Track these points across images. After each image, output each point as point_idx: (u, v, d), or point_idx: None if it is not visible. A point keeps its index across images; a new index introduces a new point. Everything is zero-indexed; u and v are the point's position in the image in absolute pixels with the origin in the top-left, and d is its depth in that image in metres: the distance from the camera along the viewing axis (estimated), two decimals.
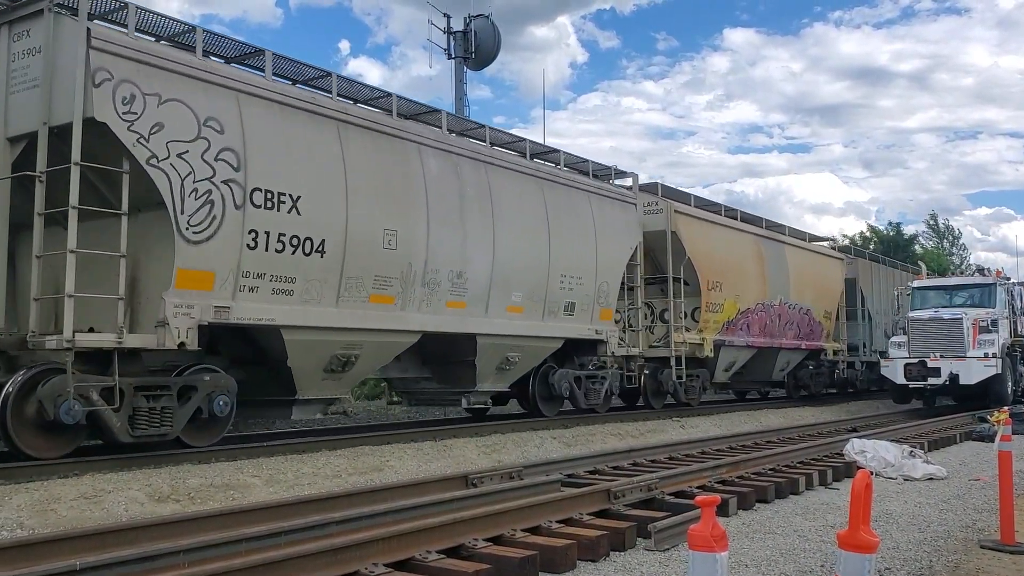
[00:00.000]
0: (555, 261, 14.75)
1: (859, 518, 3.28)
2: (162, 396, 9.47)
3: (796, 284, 22.51)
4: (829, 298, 24.67)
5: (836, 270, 25.56)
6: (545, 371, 15.31)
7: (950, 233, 64.28)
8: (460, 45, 27.12)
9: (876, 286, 27.72)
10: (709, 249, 18.99)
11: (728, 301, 19.45)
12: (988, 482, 9.43)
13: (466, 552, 5.63)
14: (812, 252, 24.48)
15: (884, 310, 27.53)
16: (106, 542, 5.52)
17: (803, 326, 22.98)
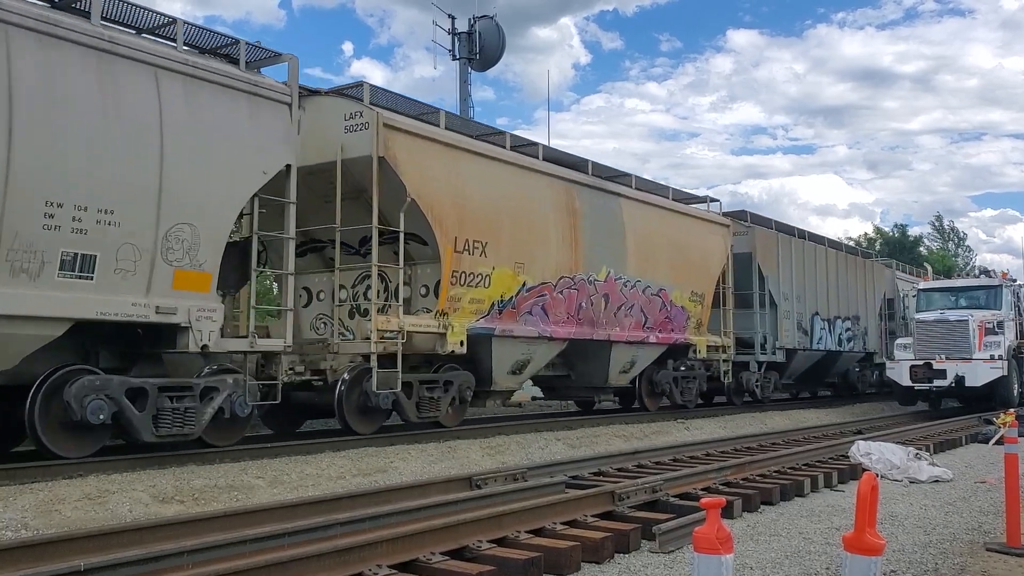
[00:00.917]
0: None
1: (865, 521, 3.27)
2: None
3: (640, 254, 16.64)
4: (701, 276, 18.54)
5: (716, 240, 19.23)
6: None
7: (955, 235, 64.28)
8: (465, 46, 27.15)
9: (785, 265, 21.52)
10: (456, 191, 12.71)
11: (501, 272, 13.37)
12: (994, 484, 9.40)
13: (470, 554, 5.62)
14: (673, 213, 18.08)
15: (801, 296, 21.89)
16: (110, 543, 5.53)
17: (653, 312, 17.01)
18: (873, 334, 26.19)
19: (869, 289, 26.39)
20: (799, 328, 21.70)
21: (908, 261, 39.95)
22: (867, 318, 25.97)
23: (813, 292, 22.72)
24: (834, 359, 24.03)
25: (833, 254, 24.59)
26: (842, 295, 24.37)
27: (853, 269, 25.58)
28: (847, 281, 24.90)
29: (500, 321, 13.37)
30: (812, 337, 22.28)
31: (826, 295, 23.47)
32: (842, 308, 24.32)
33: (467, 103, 27.18)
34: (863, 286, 26.07)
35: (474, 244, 12.95)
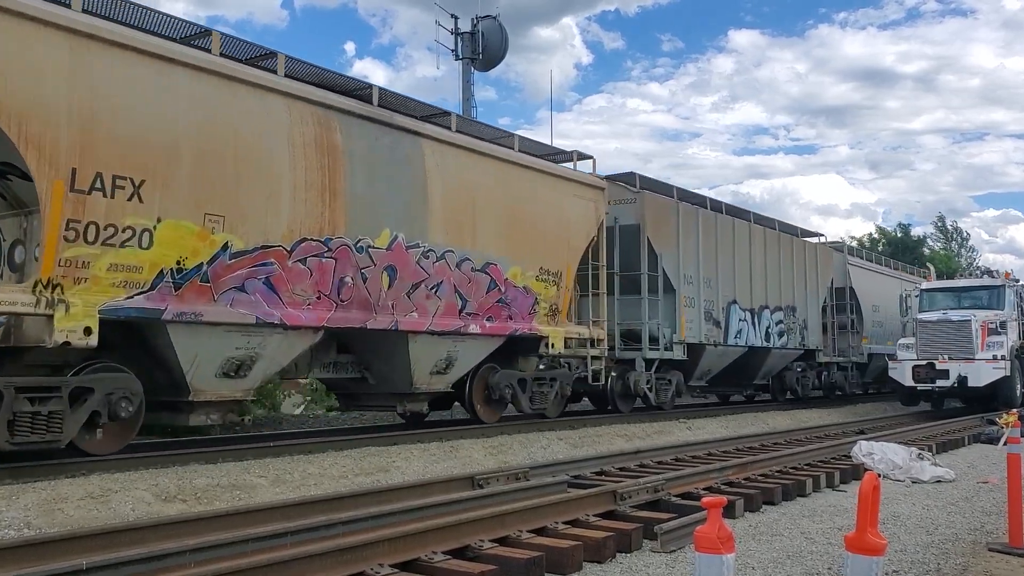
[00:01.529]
0: None
1: (867, 521, 3.28)
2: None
3: (452, 216, 12.60)
4: (557, 250, 14.53)
5: (581, 206, 15.18)
6: None
7: (958, 235, 64.18)
8: (467, 46, 27.14)
9: (689, 241, 17.92)
10: (86, 101, 8.57)
11: (174, 226, 9.29)
12: (996, 484, 9.39)
13: (472, 553, 5.62)
14: (514, 167, 13.90)
15: (712, 280, 18.46)
16: (113, 542, 5.53)
17: (477, 294, 13.00)
18: (815, 329, 22.86)
19: (811, 276, 22.89)
20: (708, 319, 18.20)
21: (911, 261, 39.82)
22: (807, 310, 22.47)
23: (730, 276, 19.12)
24: (761, 357, 20.52)
25: (760, 232, 20.80)
26: (772, 281, 20.82)
27: (789, 251, 21.89)
28: (780, 265, 21.32)
29: (178, 300, 9.30)
30: (727, 330, 18.78)
31: (748, 281, 19.86)
32: (772, 297, 20.77)
33: (470, 103, 27.18)
34: (803, 272, 22.52)
35: (116, 182, 8.72)
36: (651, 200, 17.33)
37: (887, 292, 26.78)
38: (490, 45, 27.12)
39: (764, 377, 21.93)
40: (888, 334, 26.24)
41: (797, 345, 21.92)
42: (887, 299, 26.49)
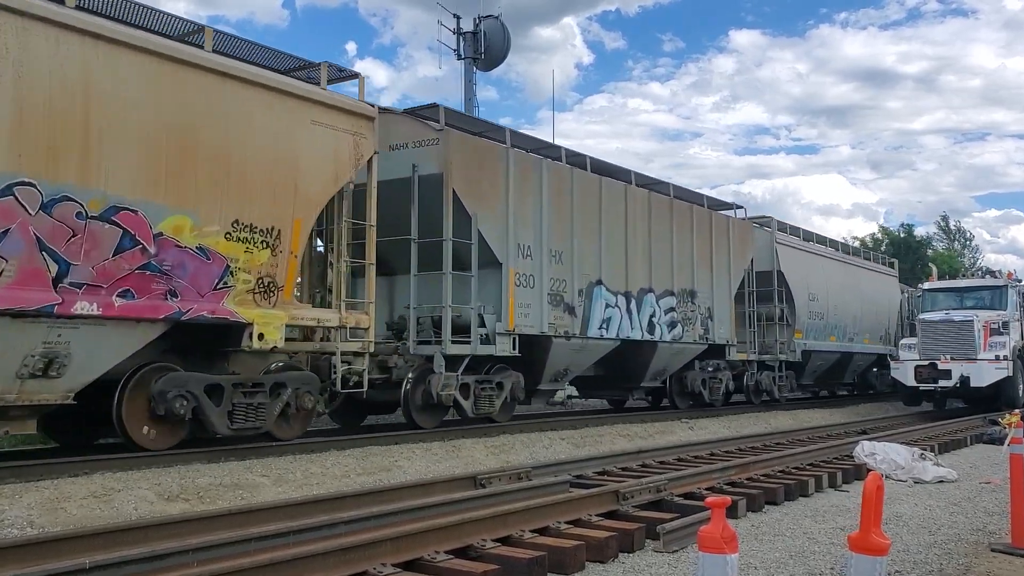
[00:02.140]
0: None
1: (870, 520, 3.27)
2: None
3: (43, 132, 8.24)
4: (272, 197, 10.17)
5: (321, 138, 10.68)
6: None
7: (961, 235, 64.11)
8: (470, 46, 27.13)
9: (523, 200, 13.74)
10: None
11: None
12: (999, 485, 9.38)
13: (475, 552, 5.63)
14: (193, 70, 9.44)
15: (564, 254, 14.48)
16: (115, 541, 5.55)
17: (98, 255, 8.58)
18: (724, 319, 18.81)
19: (720, 255, 18.87)
20: (557, 304, 14.15)
21: (914, 262, 39.75)
22: (714, 296, 18.44)
23: (594, 250, 15.13)
24: (645, 353, 16.61)
25: (643, 197, 16.61)
26: (661, 260, 16.86)
27: (688, 223, 17.76)
28: (675, 240, 17.27)
29: None
30: (588, 319, 14.79)
31: (623, 257, 15.83)
32: (660, 279, 16.78)
33: (472, 103, 27.17)
34: (709, 250, 18.48)
35: None
36: (460, 141, 12.90)
37: (831, 280, 23.86)
38: (492, 45, 27.10)
39: (656, 378, 17.70)
40: (832, 328, 23.77)
41: (698, 339, 17.88)
42: (830, 288, 23.74)
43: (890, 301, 28.56)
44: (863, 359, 26.54)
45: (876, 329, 26.98)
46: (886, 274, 29.13)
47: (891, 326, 28.15)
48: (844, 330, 24.62)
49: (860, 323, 25.68)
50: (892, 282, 29.28)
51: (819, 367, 23.74)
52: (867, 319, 26.23)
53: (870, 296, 26.67)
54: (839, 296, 24.29)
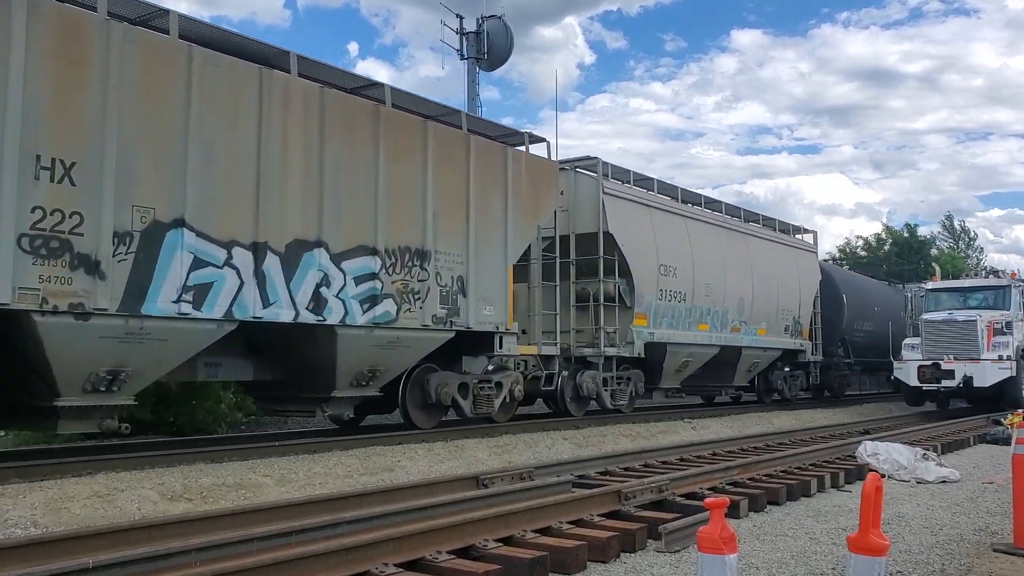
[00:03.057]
0: None
1: (869, 521, 3.28)
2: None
3: None
4: None
5: None
6: None
7: (966, 234, 64.03)
8: (473, 46, 27.15)
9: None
10: None
11: None
12: (1001, 485, 9.38)
13: (476, 553, 5.64)
14: None
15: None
16: (119, 541, 5.56)
17: None
18: (496, 297, 13.25)
19: (492, 204, 13.30)
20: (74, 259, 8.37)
21: (918, 262, 39.66)
22: (470, 262, 12.82)
23: (178, 172, 9.32)
24: (316, 345, 11.04)
25: (302, 91, 10.73)
26: (353, 199, 11.20)
27: (418, 149, 12.15)
28: (382, 171, 11.57)
29: None
30: (145, 284, 8.94)
31: (253, 189, 9.86)
32: (351, 229, 11.22)
33: (476, 103, 27.19)
34: (466, 194, 12.89)
35: None
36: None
37: (701, 250, 18.37)
38: (495, 45, 27.12)
39: (359, 380, 11.60)
40: (702, 314, 18.39)
41: (432, 322, 12.26)
42: (700, 260, 18.23)
43: (805, 283, 22.91)
44: (759, 356, 20.88)
45: (779, 318, 21.50)
46: (798, 248, 23.34)
47: (804, 314, 22.71)
48: (723, 317, 19.10)
49: (752, 309, 20.13)
50: (809, 260, 23.71)
51: (685, 365, 18.08)
52: (764, 304, 20.65)
53: (772, 275, 21.12)
54: (716, 272, 18.80)
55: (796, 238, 23.72)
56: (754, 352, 20.49)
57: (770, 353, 21.33)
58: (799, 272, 22.69)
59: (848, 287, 26.69)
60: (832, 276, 26.26)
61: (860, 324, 26.63)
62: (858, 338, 26.38)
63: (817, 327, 23.96)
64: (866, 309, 27.13)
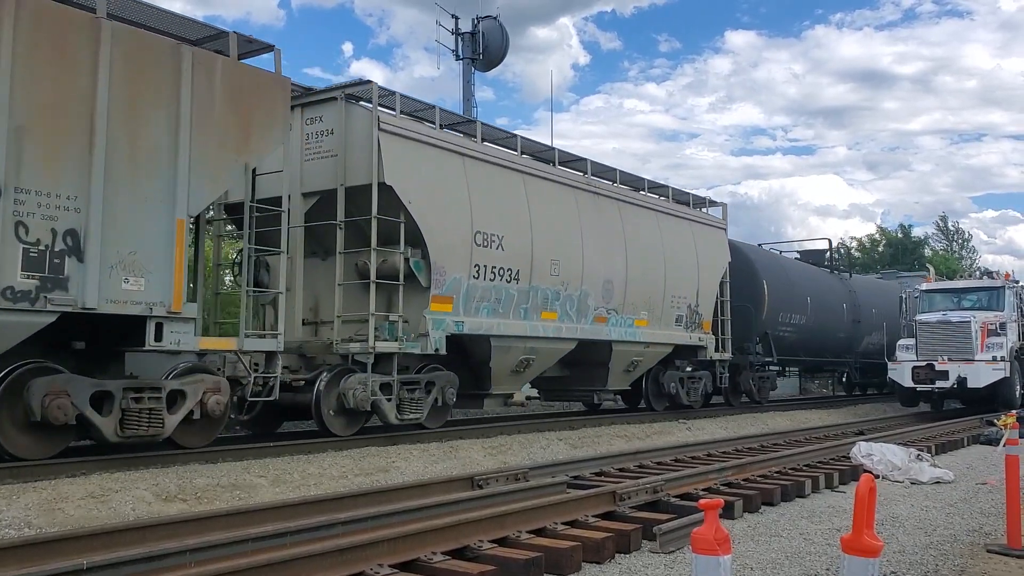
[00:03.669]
0: None
1: (863, 522, 3.29)
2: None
3: None
4: None
5: None
6: None
7: (960, 235, 64.21)
8: (468, 46, 27.16)
9: None
10: None
11: None
12: (995, 486, 9.40)
13: (471, 553, 5.64)
14: None
15: None
16: (113, 541, 5.55)
17: None
18: (158, 261, 9.17)
19: (125, 117, 8.94)
20: None
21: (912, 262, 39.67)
22: (100, 204, 8.69)
23: None
24: None
25: None
26: None
27: None
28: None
29: None
30: None
31: None
32: None
33: (471, 103, 27.20)
34: (80, 97, 8.58)
35: None
36: None
37: (545, 215, 14.36)
38: (491, 45, 27.14)
39: None
40: (547, 299, 14.32)
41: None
42: (543, 227, 14.23)
43: (708, 264, 18.80)
44: (640, 353, 16.83)
45: (669, 306, 17.49)
46: (698, 221, 18.89)
47: (705, 303, 18.79)
48: (581, 303, 15.06)
49: (626, 294, 16.14)
50: (714, 237, 19.41)
51: (525, 365, 14.07)
52: (644, 288, 16.65)
53: (657, 252, 17.14)
54: (569, 245, 14.78)
55: (692, 210, 19.03)
56: (631, 348, 16.43)
57: (656, 350, 17.24)
58: (698, 251, 18.43)
59: (771, 272, 22.02)
60: (749, 258, 21.40)
61: (787, 317, 22.15)
62: (785, 333, 22.13)
63: (725, 319, 19.58)
64: (795, 299, 22.63)
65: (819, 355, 25.02)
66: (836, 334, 25.19)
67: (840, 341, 25.61)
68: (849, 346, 26.25)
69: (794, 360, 24.38)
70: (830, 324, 24.63)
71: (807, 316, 23.11)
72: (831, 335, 24.90)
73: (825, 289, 25.05)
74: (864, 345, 26.61)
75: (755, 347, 20.83)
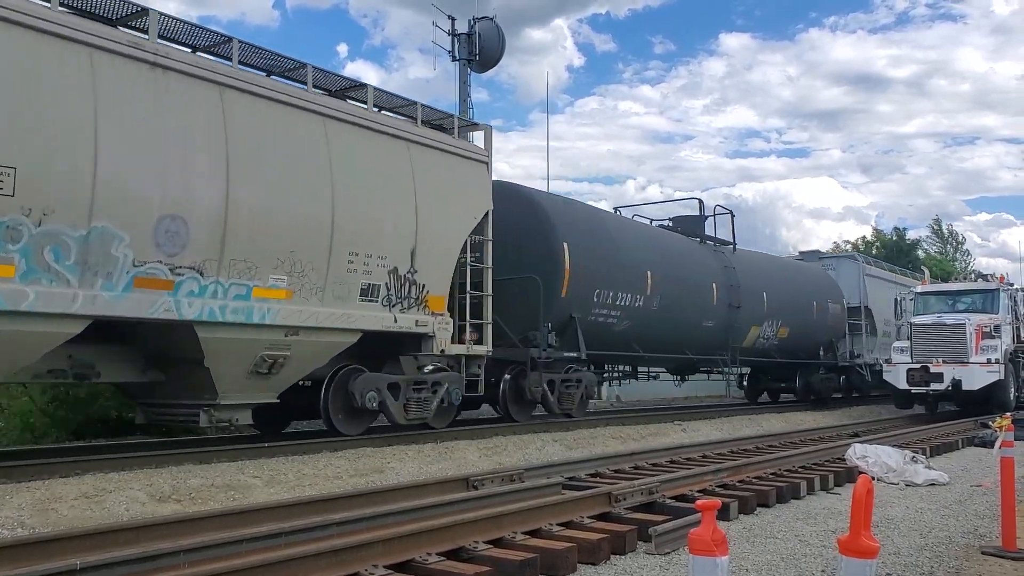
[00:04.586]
0: None
1: (860, 523, 3.29)
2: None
3: None
4: None
5: None
6: None
7: (954, 238, 64.37)
8: (464, 47, 27.15)
9: None
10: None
11: None
12: (990, 488, 9.42)
13: (466, 554, 5.63)
14: None
15: None
16: (107, 542, 5.53)
17: None
18: None
19: None
20: None
21: (906, 265, 39.70)
22: None
23: None
24: None
25: None
26: None
27: None
28: None
29: None
30: None
31: None
32: None
33: (467, 104, 27.19)
34: None
35: None
36: None
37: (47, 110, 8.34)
38: (487, 46, 27.12)
39: None
40: None
41: None
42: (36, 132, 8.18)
43: (440, 209, 12.73)
44: (281, 345, 10.51)
45: (343, 269, 11.18)
46: (423, 143, 12.54)
47: (437, 268, 12.67)
48: (101, 253, 8.67)
49: (223, 242, 9.74)
50: (460, 171, 13.35)
51: None
52: (277, 233, 10.34)
53: (314, 179, 10.90)
54: (74, 153, 8.47)
55: (431, 130, 13.15)
56: (253, 337, 10.14)
57: (318, 340, 10.89)
58: (420, 186, 12.40)
59: (578, 232, 15.57)
60: (541, 209, 15.24)
61: (609, 296, 15.98)
62: (607, 319, 16.12)
63: (487, 295, 13.73)
64: (624, 272, 16.37)
65: (671, 351, 18.45)
66: (700, 323, 18.84)
67: (708, 333, 19.19)
68: (723, 340, 19.78)
69: (625, 357, 17.97)
70: (689, 310, 18.22)
71: (646, 297, 16.77)
72: (691, 325, 18.53)
73: (682, 262, 18.50)
74: (754, 340, 21.11)
75: (547, 337, 14.51)
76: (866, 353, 25.81)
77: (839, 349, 25.32)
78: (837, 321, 24.92)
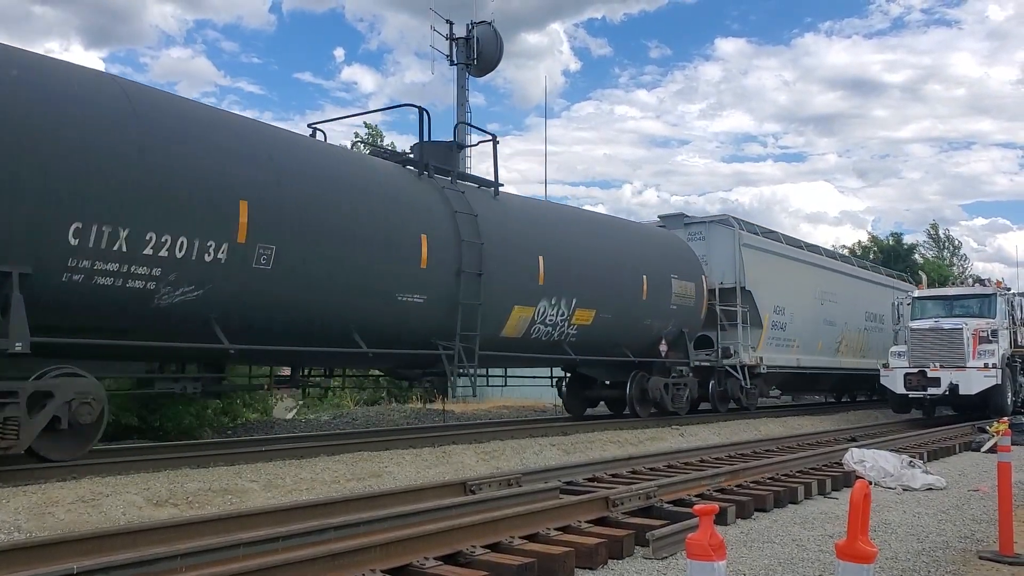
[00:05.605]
0: None
1: (857, 528, 3.29)
2: None
3: None
4: None
5: None
6: None
7: (950, 243, 64.44)
8: (462, 51, 27.19)
9: None
10: None
11: None
12: (987, 493, 9.42)
13: (464, 559, 5.62)
14: None
15: None
16: (104, 546, 5.52)
17: None
18: None
19: None
20: None
21: (903, 270, 39.77)
22: None
23: None
24: None
25: None
26: None
27: None
28: None
29: None
30: None
31: None
32: None
33: (464, 108, 27.23)
34: None
35: None
36: None
37: None
38: (485, 50, 27.18)
39: None
40: None
41: None
42: None
43: None
44: None
45: None
46: None
47: None
48: None
49: None
50: None
51: None
52: None
53: None
54: None
55: None
56: None
57: None
58: None
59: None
60: None
61: (101, 237, 8.60)
62: (123, 283, 8.96)
63: None
64: (208, 208, 9.60)
65: (299, 340, 11.04)
66: (393, 296, 11.99)
67: (403, 312, 12.21)
68: (446, 326, 12.86)
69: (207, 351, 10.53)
70: (351, 272, 11.38)
71: (232, 246, 9.87)
72: (382, 301, 11.92)
73: (348, 198, 11.56)
74: (523, 329, 14.40)
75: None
76: (743, 351, 19.92)
77: (712, 345, 19.98)
78: (690, 305, 18.61)
